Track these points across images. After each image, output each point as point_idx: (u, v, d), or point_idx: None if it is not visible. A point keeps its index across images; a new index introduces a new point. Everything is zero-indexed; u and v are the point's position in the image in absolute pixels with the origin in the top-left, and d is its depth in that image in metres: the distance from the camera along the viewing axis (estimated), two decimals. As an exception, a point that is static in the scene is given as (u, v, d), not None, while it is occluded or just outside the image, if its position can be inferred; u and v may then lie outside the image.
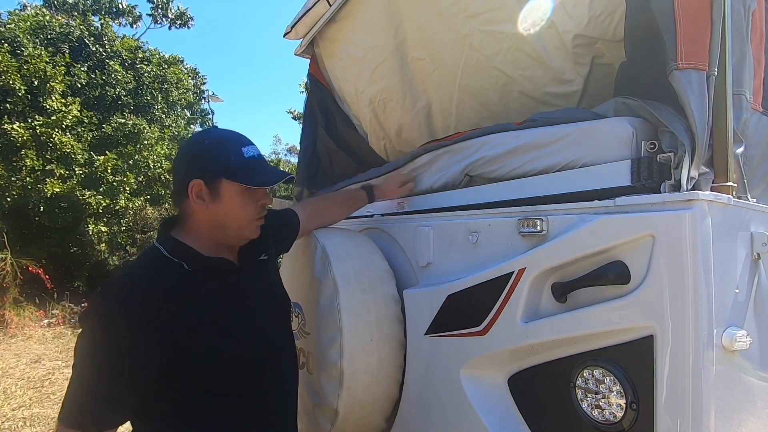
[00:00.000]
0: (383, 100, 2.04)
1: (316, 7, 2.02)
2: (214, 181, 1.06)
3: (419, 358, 1.38)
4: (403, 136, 2.06)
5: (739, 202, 0.95)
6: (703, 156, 0.93)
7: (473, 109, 1.73)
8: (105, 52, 9.30)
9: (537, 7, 1.37)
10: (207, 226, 1.09)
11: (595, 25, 1.30)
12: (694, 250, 0.83)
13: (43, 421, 3.87)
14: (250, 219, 1.12)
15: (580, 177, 1.08)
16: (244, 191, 1.08)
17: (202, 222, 1.09)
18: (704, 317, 0.82)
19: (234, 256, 1.16)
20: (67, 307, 7.77)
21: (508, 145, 1.27)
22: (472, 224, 1.28)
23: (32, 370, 5.15)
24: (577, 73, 1.40)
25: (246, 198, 1.09)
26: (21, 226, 7.86)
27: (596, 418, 0.95)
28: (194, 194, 1.05)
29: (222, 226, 1.09)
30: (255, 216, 1.13)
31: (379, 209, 1.76)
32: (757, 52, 1.13)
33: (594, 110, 1.16)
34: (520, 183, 1.22)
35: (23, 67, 7.51)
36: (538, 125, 1.21)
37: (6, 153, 7.26)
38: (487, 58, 1.57)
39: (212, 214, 1.07)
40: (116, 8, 11.89)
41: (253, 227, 1.14)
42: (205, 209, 1.06)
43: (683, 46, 0.94)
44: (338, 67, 2.19)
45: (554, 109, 1.50)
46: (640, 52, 1.10)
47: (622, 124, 1.02)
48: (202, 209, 1.07)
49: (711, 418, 0.82)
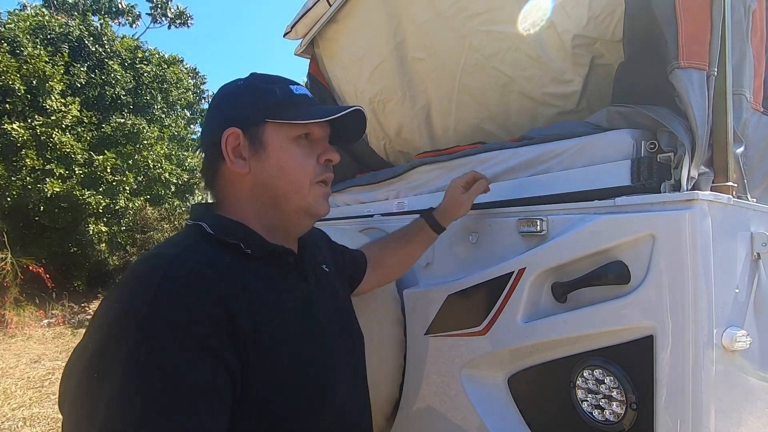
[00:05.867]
0: (383, 101, 2.04)
1: (316, 7, 2.02)
2: (256, 128, 0.76)
3: (419, 358, 1.38)
4: (403, 136, 2.06)
5: (739, 202, 0.95)
6: (703, 156, 0.93)
7: (472, 109, 1.73)
8: (104, 52, 9.30)
9: (537, 7, 1.37)
10: (253, 199, 0.78)
11: (594, 25, 1.30)
12: (694, 250, 0.83)
13: (43, 421, 3.87)
14: (310, 179, 0.79)
15: (580, 177, 1.08)
16: (298, 139, 0.78)
17: (245, 193, 0.78)
18: (704, 317, 0.82)
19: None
20: (67, 306, 7.78)
21: (507, 164, 1.28)
22: (472, 224, 1.28)
23: (32, 370, 5.15)
24: (577, 73, 1.40)
25: (302, 148, 0.79)
26: (21, 226, 7.87)
27: (596, 418, 0.95)
28: (230, 149, 0.75)
29: (272, 195, 0.78)
30: (316, 175, 0.80)
31: (379, 209, 1.76)
32: (758, 51, 1.13)
33: (587, 121, 1.16)
34: (520, 183, 1.22)
35: (23, 67, 7.51)
36: (536, 142, 1.21)
37: (6, 153, 7.26)
38: (486, 58, 1.57)
39: (257, 178, 0.77)
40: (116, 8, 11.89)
41: (315, 194, 0.80)
42: (246, 172, 0.76)
43: (684, 45, 0.94)
44: (338, 67, 2.19)
45: (554, 110, 1.50)
46: (639, 53, 1.10)
47: (623, 137, 1.02)
48: (242, 172, 0.76)
49: (711, 418, 0.82)
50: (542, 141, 1.20)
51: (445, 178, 1.47)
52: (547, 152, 1.17)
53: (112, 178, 7.98)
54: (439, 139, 1.90)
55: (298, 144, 0.78)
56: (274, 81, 0.81)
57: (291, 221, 0.81)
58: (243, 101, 0.78)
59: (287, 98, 0.78)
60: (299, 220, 0.82)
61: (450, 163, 1.49)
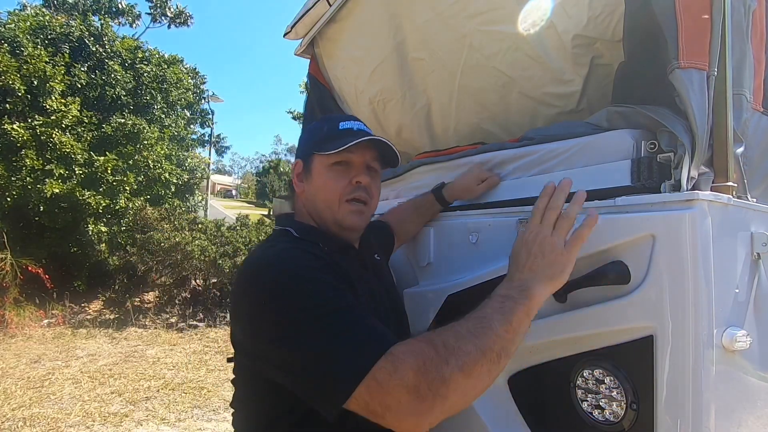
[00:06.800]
0: (383, 101, 2.04)
1: (316, 7, 2.02)
2: (309, 158, 1.01)
3: (419, 358, 1.37)
4: (403, 136, 2.06)
5: (739, 202, 0.94)
6: (703, 156, 0.93)
7: (472, 109, 1.73)
8: (105, 52, 9.30)
9: (536, 7, 1.37)
10: (308, 211, 1.02)
11: (594, 25, 1.30)
12: (694, 250, 0.83)
13: (43, 421, 3.87)
14: (339, 197, 0.97)
15: (580, 177, 1.07)
16: (333, 166, 0.98)
17: (302, 205, 1.03)
18: (704, 317, 0.82)
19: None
20: (67, 307, 7.78)
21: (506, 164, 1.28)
22: (472, 224, 1.28)
23: (32, 370, 5.15)
24: (577, 73, 1.40)
25: (336, 173, 0.98)
26: (21, 226, 7.87)
27: (596, 418, 0.95)
28: (295, 175, 1.02)
29: (314, 208, 1.00)
30: (344, 194, 0.98)
31: (379, 209, 1.76)
32: (758, 51, 1.13)
33: (587, 121, 1.16)
34: (520, 183, 1.22)
35: (23, 67, 7.51)
36: (536, 142, 1.21)
37: (6, 153, 7.27)
38: (486, 58, 1.57)
39: (308, 195, 1.01)
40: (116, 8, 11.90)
41: (345, 211, 0.98)
42: (302, 191, 1.02)
43: (684, 45, 0.94)
44: (338, 67, 2.19)
45: (554, 110, 1.50)
46: (639, 53, 1.10)
47: (623, 137, 1.02)
48: (300, 191, 1.02)
49: (711, 418, 0.82)
50: (542, 141, 1.20)
51: (445, 178, 1.47)
52: (547, 152, 1.17)
53: (113, 179, 7.98)
54: (439, 139, 1.90)
55: (334, 170, 0.98)
56: (328, 120, 1.04)
57: (331, 230, 1.00)
58: (304, 138, 1.06)
59: (331, 133, 1.00)
60: (337, 230, 1.00)
61: (450, 163, 1.49)
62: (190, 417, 4.06)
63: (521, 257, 0.85)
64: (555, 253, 0.82)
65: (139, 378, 4.97)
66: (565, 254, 0.82)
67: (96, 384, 4.75)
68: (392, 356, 0.67)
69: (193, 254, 7.55)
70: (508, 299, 0.77)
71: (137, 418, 3.98)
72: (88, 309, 8.06)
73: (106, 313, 7.77)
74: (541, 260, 0.82)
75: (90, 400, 4.33)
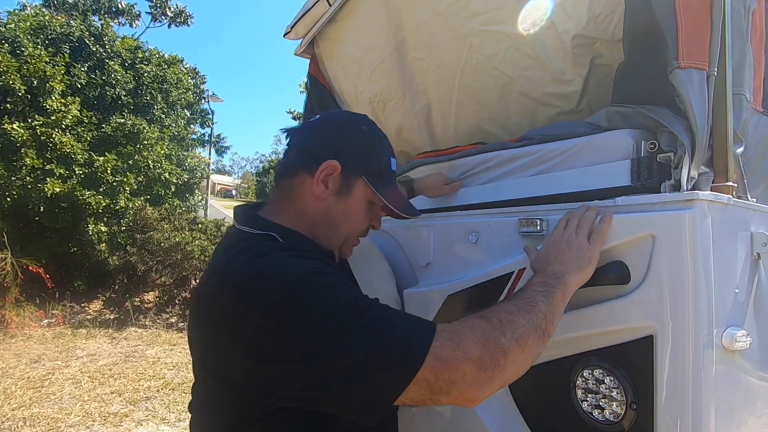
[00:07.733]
0: (383, 100, 2.04)
1: (316, 7, 2.02)
2: (353, 175, 0.91)
3: (419, 358, 1.37)
4: (403, 136, 2.06)
5: (739, 202, 0.95)
6: (703, 156, 0.93)
7: (473, 109, 1.73)
8: (105, 52, 9.29)
9: (537, 7, 1.37)
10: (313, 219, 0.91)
11: (594, 25, 1.30)
12: (694, 250, 0.83)
13: (43, 421, 3.87)
14: (357, 233, 0.97)
15: (580, 177, 1.08)
16: (368, 203, 0.95)
17: (312, 211, 0.90)
18: (704, 317, 0.82)
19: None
20: (68, 306, 7.78)
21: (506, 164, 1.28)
22: (472, 224, 1.28)
23: (32, 370, 5.15)
24: (577, 73, 1.40)
25: (367, 208, 0.95)
26: (21, 226, 7.87)
27: (596, 418, 0.96)
28: (322, 176, 0.88)
29: (332, 225, 0.92)
30: (360, 233, 0.99)
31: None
32: (757, 52, 1.13)
33: (587, 121, 1.16)
34: (520, 183, 1.22)
35: (23, 67, 7.51)
36: (536, 142, 1.21)
37: (6, 153, 7.26)
38: (486, 58, 1.57)
39: (328, 208, 0.91)
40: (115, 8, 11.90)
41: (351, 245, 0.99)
42: (322, 198, 0.89)
43: (684, 45, 0.94)
44: (338, 67, 2.19)
45: (554, 110, 1.50)
46: (639, 53, 1.10)
47: (623, 137, 1.02)
48: (318, 196, 0.89)
49: (711, 418, 0.82)
50: (542, 141, 1.20)
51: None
52: (547, 152, 1.17)
53: (113, 179, 7.98)
54: (439, 139, 1.90)
55: (367, 206, 0.95)
56: (384, 147, 0.97)
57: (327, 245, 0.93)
58: (356, 147, 0.93)
59: (386, 169, 0.96)
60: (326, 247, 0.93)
61: (450, 163, 1.49)
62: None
63: (550, 255, 0.92)
64: (581, 249, 0.89)
65: (139, 378, 4.97)
66: (590, 249, 0.90)
67: (96, 384, 4.75)
68: (448, 333, 0.69)
69: (193, 254, 7.55)
70: (546, 285, 0.83)
71: (137, 418, 3.98)
72: (88, 309, 8.06)
73: (106, 313, 7.77)
74: (569, 254, 0.89)
75: (90, 400, 4.33)
